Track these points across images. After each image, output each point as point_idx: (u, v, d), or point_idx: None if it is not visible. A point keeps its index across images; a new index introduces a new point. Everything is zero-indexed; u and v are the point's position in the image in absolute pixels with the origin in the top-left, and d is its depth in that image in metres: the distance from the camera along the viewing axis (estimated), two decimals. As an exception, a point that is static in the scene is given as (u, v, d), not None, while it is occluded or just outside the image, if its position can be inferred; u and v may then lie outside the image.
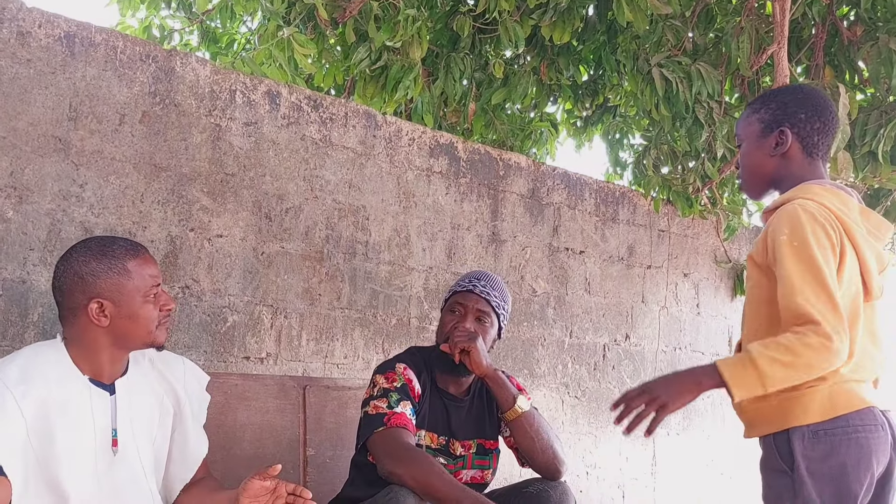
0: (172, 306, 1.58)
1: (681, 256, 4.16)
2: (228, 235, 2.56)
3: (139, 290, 1.51)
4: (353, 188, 2.90)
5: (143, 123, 2.40)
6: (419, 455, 1.81)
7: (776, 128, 1.64)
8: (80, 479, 1.45)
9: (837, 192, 1.59)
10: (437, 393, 2.03)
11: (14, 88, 2.16)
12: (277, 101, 2.72)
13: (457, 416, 2.04)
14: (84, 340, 1.51)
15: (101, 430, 1.50)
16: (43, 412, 1.42)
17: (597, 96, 4.24)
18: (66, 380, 1.48)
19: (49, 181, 2.21)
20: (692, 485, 4.10)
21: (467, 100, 3.69)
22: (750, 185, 1.73)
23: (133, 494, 1.52)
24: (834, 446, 1.47)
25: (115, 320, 1.49)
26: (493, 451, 2.09)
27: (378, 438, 1.83)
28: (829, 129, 1.64)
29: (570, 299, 3.62)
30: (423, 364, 2.03)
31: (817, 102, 1.65)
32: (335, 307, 2.81)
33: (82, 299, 1.48)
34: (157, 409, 1.62)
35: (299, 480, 2.32)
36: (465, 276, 2.12)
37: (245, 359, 2.57)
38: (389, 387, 1.92)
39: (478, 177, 3.31)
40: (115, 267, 1.50)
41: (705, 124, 3.60)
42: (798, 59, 3.78)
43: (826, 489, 1.47)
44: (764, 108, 1.68)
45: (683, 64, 3.43)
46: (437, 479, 1.74)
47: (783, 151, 1.64)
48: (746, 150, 1.71)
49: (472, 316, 2.00)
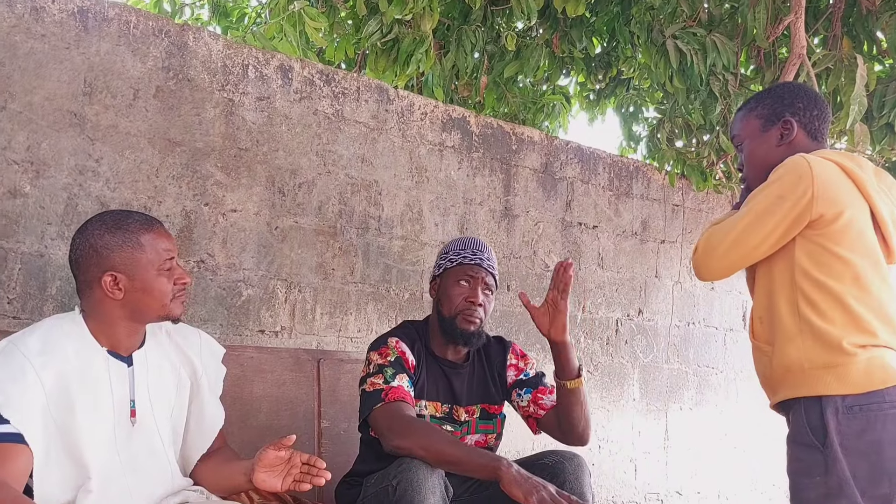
0: (187, 280, 1.59)
1: (695, 231, 4.14)
2: (242, 210, 2.57)
3: (153, 263, 1.52)
4: (365, 163, 2.90)
5: (157, 98, 2.40)
6: (423, 425, 1.82)
7: (778, 120, 1.68)
8: (100, 449, 1.47)
9: (850, 155, 1.62)
10: (434, 362, 2.03)
11: (29, 63, 2.17)
12: (290, 75, 2.71)
13: (458, 383, 2.04)
14: (100, 313, 1.53)
15: (119, 401, 1.52)
16: (62, 383, 1.45)
17: (610, 69, 4.20)
18: (85, 351, 1.50)
19: (65, 156, 2.23)
20: (705, 459, 4.11)
21: (479, 73, 3.67)
22: (758, 180, 1.72)
23: (151, 464, 1.54)
24: (870, 422, 1.45)
25: (129, 293, 1.51)
26: (497, 415, 2.10)
27: (378, 414, 1.84)
28: (826, 115, 1.69)
29: (583, 274, 3.61)
30: (416, 335, 2.03)
31: (809, 92, 1.71)
32: (348, 281, 2.83)
33: (97, 272, 1.50)
34: (175, 381, 1.64)
35: (314, 452, 2.35)
36: (464, 245, 2.06)
37: (260, 332, 2.60)
38: (384, 362, 1.92)
39: (490, 151, 3.30)
40: (129, 240, 1.51)
41: (720, 97, 3.56)
42: (815, 30, 3.71)
43: (860, 466, 1.44)
44: (760, 105, 1.72)
45: (698, 35, 3.38)
46: (446, 444, 1.76)
47: (790, 140, 1.65)
48: (751, 147, 1.72)
49: (480, 289, 2.01)
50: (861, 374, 1.47)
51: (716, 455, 4.17)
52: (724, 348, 4.21)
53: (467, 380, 2.06)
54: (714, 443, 4.17)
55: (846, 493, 1.44)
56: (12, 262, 2.13)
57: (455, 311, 1.99)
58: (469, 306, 1.98)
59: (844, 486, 1.44)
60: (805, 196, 1.50)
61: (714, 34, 3.39)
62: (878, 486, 1.44)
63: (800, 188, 1.51)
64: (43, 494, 1.40)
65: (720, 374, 4.19)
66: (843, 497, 1.44)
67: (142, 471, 1.52)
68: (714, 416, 4.18)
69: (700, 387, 4.12)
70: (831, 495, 1.45)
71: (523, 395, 2.09)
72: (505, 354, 2.13)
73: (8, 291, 2.13)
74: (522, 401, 2.08)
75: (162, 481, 1.55)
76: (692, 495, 4.06)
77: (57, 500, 1.42)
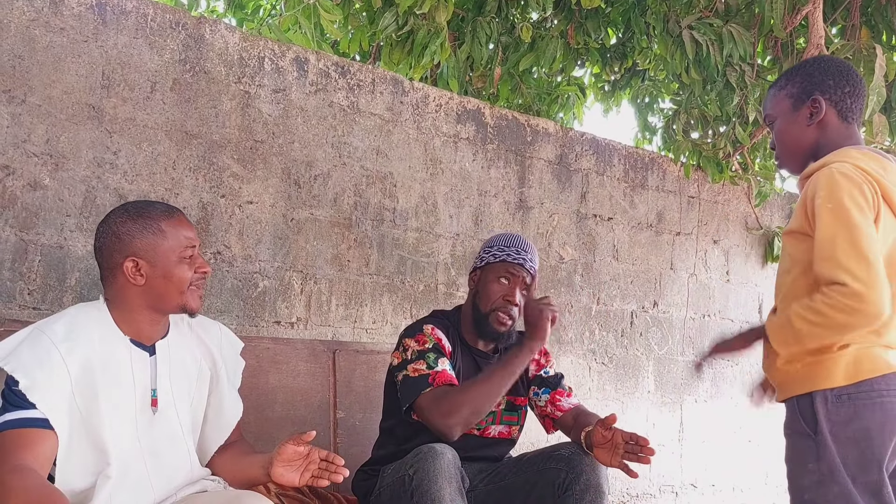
0: (208, 270, 1.60)
1: (711, 223, 4.12)
2: (258, 202, 2.59)
3: (174, 250, 1.54)
4: (380, 155, 2.91)
5: (174, 91, 2.42)
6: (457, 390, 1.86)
7: (807, 98, 1.64)
8: (121, 437, 1.49)
9: (875, 156, 1.58)
10: (467, 350, 2.06)
11: (48, 57, 2.19)
12: (305, 67, 2.72)
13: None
14: (123, 300, 1.55)
15: (140, 389, 1.54)
16: (87, 369, 1.46)
17: (625, 60, 4.17)
18: (109, 339, 1.52)
19: (84, 148, 2.25)
20: (719, 451, 4.10)
21: (493, 64, 3.66)
22: (790, 160, 1.71)
23: (171, 453, 1.56)
24: (858, 410, 1.47)
25: (150, 280, 1.53)
26: (521, 407, 2.11)
27: (427, 399, 1.84)
28: (859, 91, 1.65)
29: (598, 266, 3.61)
30: (449, 323, 2.06)
31: (841, 68, 1.65)
32: (363, 273, 2.84)
33: (119, 258, 1.52)
34: (196, 372, 1.65)
35: (330, 442, 2.37)
36: (510, 242, 2.06)
37: (276, 323, 2.61)
38: (423, 348, 1.93)
39: (505, 143, 3.30)
40: (151, 227, 1.53)
41: (737, 88, 3.53)
42: (833, 20, 3.67)
43: (850, 453, 1.47)
44: (790, 83, 1.68)
45: (715, 26, 3.35)
46: (485, 389, 1.85)
47: (819, 119, 1.63)
48: (781, 126, 1.70)
49: (519, 288, 2.01)
50: (850, 365, 1.50)
51: (730, 448, 4.16)
52: (739, 341, 4.19)
53: None
54: (729, 436, 4.15)
55: (837, 479, 1.46)
56: (32, 254, 2.16)
57: (491, 307, 2.00)
58: (506, 305, 1.99)
59: (835, 472, 1.47)
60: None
61: (731, 24, 3.37)
62: (867, 472, 1.46)
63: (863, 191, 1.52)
64: (64, 480, 1.42)
65: (735, 367, 4.17)
66: (835, 483, 1.47)
67: (162, 459, 1.54)
68: (729, 409, 4.16)
69: (715, 379, 4.10)
70: (823, 482, 1.48)
71: (541, 394, 2.09)
72: None
73: (28, 283, 2.16)
74: (540, 400, 2.09)
75: (181, 470, 1.57)
76: (707, 488, 4.05)
77: (77, 486, 1.44)
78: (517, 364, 1.89)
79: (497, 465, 2.00)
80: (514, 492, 1.91)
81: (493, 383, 1.85)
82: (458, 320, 2.08)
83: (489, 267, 2.04)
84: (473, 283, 2.08)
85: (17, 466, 1.33)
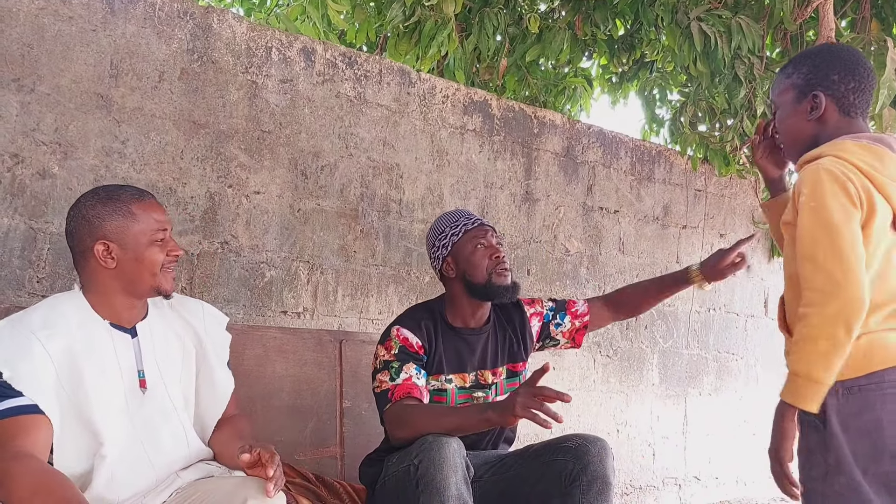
0: (179, 252, 1.60)
1: (717, 216, 4.11)
2: (265, 192, 2.59)
3: (144, 232, 1.55)
4: (387, 146, 2.91)
5: (182, 80, 2.42)
6: (418, 410, 1.86)
7: (809, 92, 1.62)
8: (112, 419, 1.49)
9: (871, 147, 1.56)
10: (453, 334, 2.05)
11: (57, 46, 2.19)
12: (313, 58, 2.72)
13: (481, 347, 2.07)
14: (97, 285, 1.55)
15: (127, 372, 1.54)
16: (69, 355, 1.47)
17: (633, 51, 4.15)
18: (87, 324, 1.53)
19: (92, 137, 2.25)
20: (723, 445, 4.11)
21: (500, 55, 3.65)
22: (791, 150, 1.71)
23: (167, 431, 1.57)
24: (868, 401, 1.47)
25: (121, 262, 1.53)
26: (522, 372, 2.12)
27: (388, 416, 1.89)
28: (865, 85, 1.62)
29: (604, 259, 3.61)
30: (425, 314, 2.05)
31: (849, 60, 1.62)
32: (370, 264, 2.85)
33: (89, 241, 1.53)
34: (180, 350, 1.66)
35: (336, 431, 2.38)
36: (455, 217, 2.09)
37: (283, 313, 2.62)
38: (389, 357, 1.95)
39: (511, 135, 3.29)
40: (120, 209, 1.54)
41: (745, 81, 3.51)
42: (844, 12, 3.65)
43: (860, 445, 1.46)
44: (796, 72, 1.66)
45: (723, 17, 3.33)
46: (441, 418, 1.81)
47: (819, 115, 1.62)
48: (783, 116, 1.70)
49: (494, 243, 2.05)
50: (861, 357, 1.48)
51: (734, 441, 4.16)
52: (744, 334, 4.19)
53: (491, 342, 2.09)
54: (733, 429, 4.16)
55: (844, 470, 1.46)
56: (41, 242, 2.17)
57: (487, 271, 2.01)
58: (498, 261, 2.02)
59: (842, 463, 1.46)
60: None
61: (739, 16, 3.34)
62: (879, 463, 1.46)
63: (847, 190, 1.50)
64: (62, 465, 1.43)
65: (740, 360, 4.17)
66: (842, 474, 1.46)
67: (158, 437, 1.55)
68: (733, 403, 4.16)
69: (720, 373, 4.10)
70: (830, 473, 1.48)
71: (561, 321, 2.17)
72: (522, 311, 2.16)
73: (38, 271, 2.17)
74: (564, 326, 2.17)
75: (178, 447, 1.58)
76: (710, 481, 4.06)
77: (75, 470, 1.44)
78: (476, 420, 1.79)
79: (503, 457, 2.01)
80: (521, 483, 1.92)
81: (447, 420, 1.81)
82: (441, 308, 2.08)
83: (457, 246, 2.05)
84: (452, 269, 2.05)
85: (18, 453, 1.33)
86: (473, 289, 2.02)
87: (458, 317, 2.07)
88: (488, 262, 2.01)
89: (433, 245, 2.10)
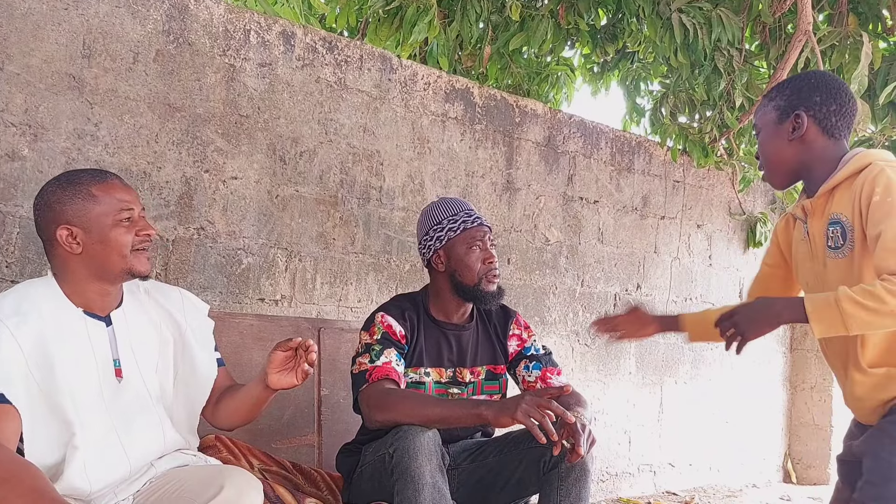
0: (151, 232, 1.56)
1: (695, 207, 4.14)
2: (243, 178, 2.56)
3: (107, 214, 1.51)
4: (367, 133, 2.88)
5: (157, 62, 2.37)
6: (401, 394, 1.83)
7: (791, 112, 1.64)
8: (86, 408, 1.47)
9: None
10: (435, 327, 2.03)
11: (27, 24, 2.13)
12: (292, 42, 2.68)
13: (463, 344, 2.05)
14: (67, 272, 1.52)
15: (102, 360, 1.52)
16: (40, 343, 1.44)
17: (616, 42, 4.16)
18: (60, 311, 1.50)
19: (63, 119, 2.20)
20: (698, 432, 4.16)
21: (483, 43, 3.62)
22: (773, 174, 1.72)
23: (143, 420, 1.55)
24: None
25: (87, 247, 1.50)
26: (502, 375, 2.11)
27: (363, 396, 1.87)
28: (847, 110, 1.64)
29: (583, 249, 3.62)
30: (409, 304, 2.03)
31: (831, 85, 1.64)
32: (349, 251, 2.83)
33: (53, 228, 1.50)
34: (157, 339, 1.64)
35: (314, 420, 2.37)
36: (454, 208, 2.04)
37: (260, 300, 2.60)
38: (371, 341, 1.94)
39: (493, 123, 3.28)
40: (81, 192, 1.51)
41: (724, 72, 3.53)
42: (821, 7, 3.68)
43: None
44: (779, 95, 1.68)
45: (704, 10, 3.34)
46: (427, 406, 1.78)
47: (800, 136, 1.63)
48: (765, 138, 1.71)
49: (489, 244, 2.03)
50: None
51: (708, 428, 4.22)
52: (720, 325, 4.23)
53: (472, 340, 2.07)
54: (707, 416, 4.21)
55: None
56: (10, 226, 2.12)
57: (478, 276, 1.99)
58: (490, 267, 2.00)
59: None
60: None
61: (720, 9, 3.36)
62: None
63: None
64: (33, 455, 1.40)
65: (715, 350, 4.22)
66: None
67: (133, 427, 1.53)
68: (708, 391, 4.22)
69: (695, 362, 4.15)
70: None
71: (532, 370, 2.08)
72: (508, 322, 2.13)
73: (6, 255, 2.12)
74: (530, 376, 2.08)
75: (153, 436, 1.56)
76: (684, 467, 4.11)
77: (47, 461, 1.42)
78: (462, 414, 1.77)
79: (482, 444, 2.01)
80: (499, 470, 1.92)
81: (432, 409, 1.77)
82: (425, 299, 2.07)
83: (453, 242, 2.01)
84: (442, 263, 2.02)
85: None
86: (460, 288, 2.01)
87: (441, 311, 2.05)
88: (481, 267, 1.99)
89: (426, 233, 2.05)
